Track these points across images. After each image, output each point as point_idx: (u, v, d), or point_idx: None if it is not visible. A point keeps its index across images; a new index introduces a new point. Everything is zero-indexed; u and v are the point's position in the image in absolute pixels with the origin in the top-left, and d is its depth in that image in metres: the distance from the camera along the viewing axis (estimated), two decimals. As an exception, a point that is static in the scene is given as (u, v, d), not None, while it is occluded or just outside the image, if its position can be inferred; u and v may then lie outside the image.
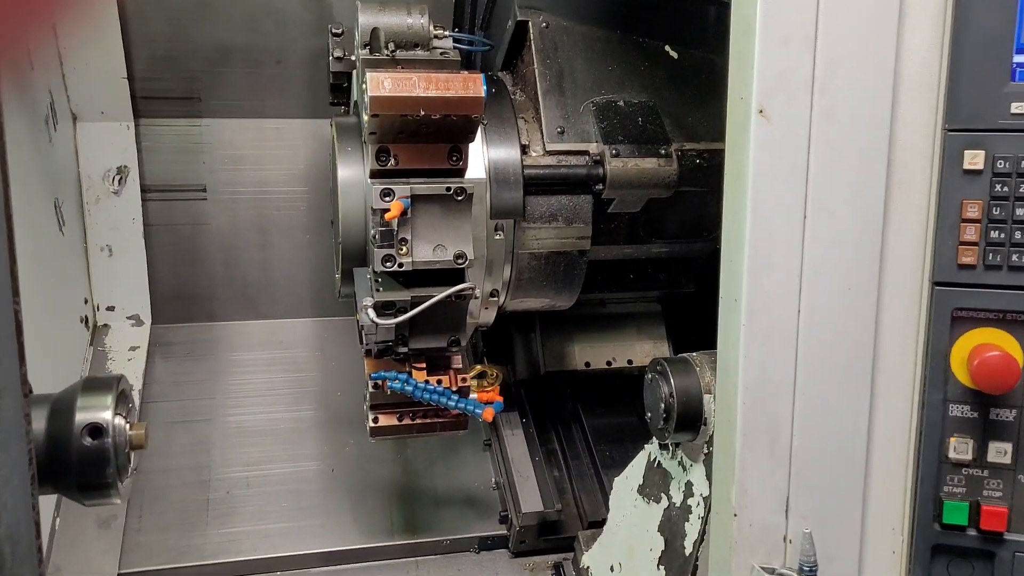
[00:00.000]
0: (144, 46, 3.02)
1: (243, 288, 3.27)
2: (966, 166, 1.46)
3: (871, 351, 1.53)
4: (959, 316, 1.50)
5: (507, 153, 2.35)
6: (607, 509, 2.32)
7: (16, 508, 1.31)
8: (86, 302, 3.02)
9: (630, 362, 2.96)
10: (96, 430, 1.62)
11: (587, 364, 2.94)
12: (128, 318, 3.12)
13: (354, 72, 2.43)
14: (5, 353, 1.32)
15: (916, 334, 1.53)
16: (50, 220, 2.71)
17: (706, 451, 1.84)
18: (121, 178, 3.05)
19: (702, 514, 1.90)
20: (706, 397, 1.80)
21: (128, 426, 1.68)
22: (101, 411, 1.63)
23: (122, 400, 1.69)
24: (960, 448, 1.52)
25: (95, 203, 3.03)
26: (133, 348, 3.04)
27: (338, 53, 2.49)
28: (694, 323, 2.88)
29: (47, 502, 2.35)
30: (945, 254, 1.49)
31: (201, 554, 2.53)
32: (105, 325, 3.08)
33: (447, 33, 2.13)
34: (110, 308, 3.10)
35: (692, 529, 1.92)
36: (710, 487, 1.76)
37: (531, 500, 2.64)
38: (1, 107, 1.31)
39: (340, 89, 2.62)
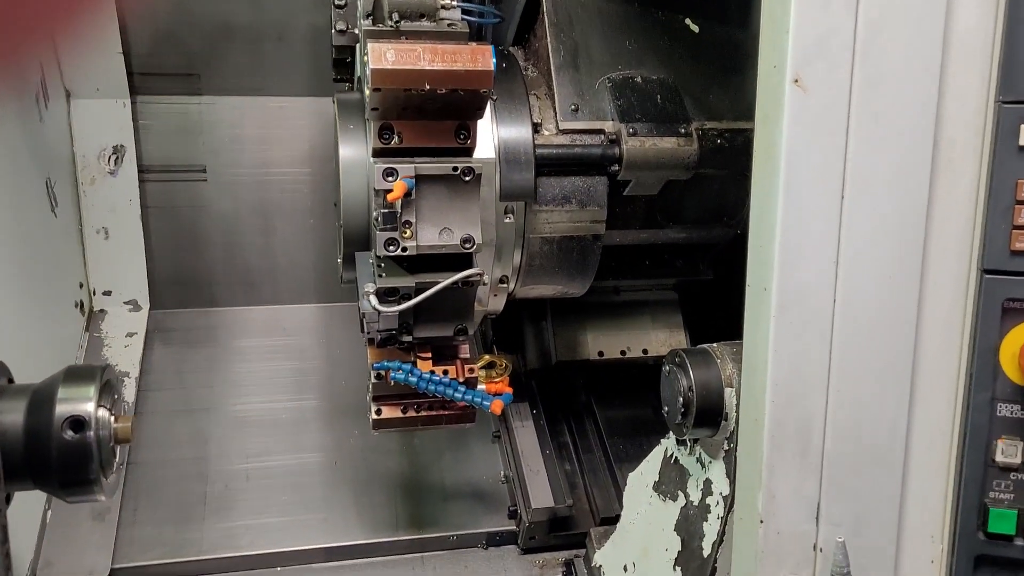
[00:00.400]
0: (141, 20, 2.91)
1: (245, 273, 3.18)
2: (1023, 142, 1.33)
3: (912, 346, 1.41)
4: (1011, 307, 1.38)
5: (518, 132, 2.23)
6: (620, 505, 2.24)
7: (-22, 515, 1.21)
8: (81, 286, 2.92)
9: (645, 352, 2.86)
10: (77, 423, 1.52)
11: (600, 353, 2.84)
12: (125, 303, 3.03)
13: (357, 46, 2.32)
14: (-35, 344, 1.22)
15: (962, 327, 1.41)
16: (41, 201, 2.61)
17: (726, 448, 1.75)
18: (117, 157, 2.95)
19: (721, 514, 1.81)
20: (727, 391, 1.71)
21: (113, 419, 1.59)
22: (83, 403, 1.54)
23: (107, 391, 1.59)
24: (1008, 451, 1.40)
25: (90, 184, 2.93)
26: (130, 334, 2.94)
27: (341, 26, 2.37)
28: (712, 311, 2.79)
29: (38, 494, 2.27)
30: (997, 239, 1.37)
31: (198, 549, 2.44)
32: (101, 310, 2.99)
33: (455, 3, 2.01)
34: (107, 293, 3.01)
35: (711, 529, 1.83)
36: (731, 486, 1.66)
37: (541, 495, 2.55)
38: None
39: (343, 64, 2.51)
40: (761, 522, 1.44)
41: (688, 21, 2.41)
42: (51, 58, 2.77)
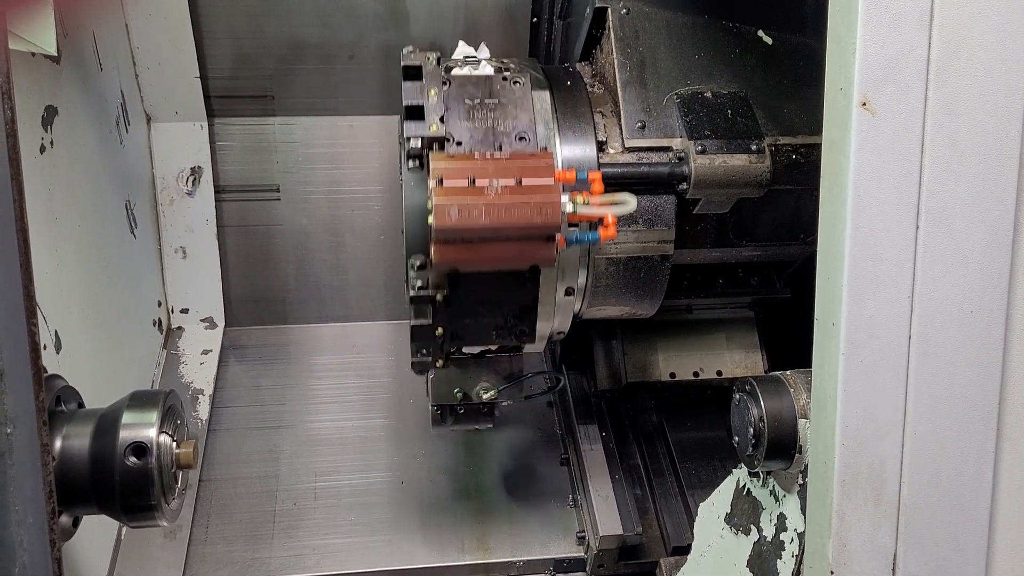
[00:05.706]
0: (216, 44, 2.97)
1: (316, 290, 3.21)
2: (1121, 166, 1.22)
3: (998, 384, 1.30)
4: (1109, 346, 1.26)
5: (582, 151, 2.18)
6: (692, 534, 2.15)
7: (33, 547, 1.23)
8: (159, 305, 3.00)
9: (719, 373, 2.76)
10: (139, 449, 1.54)
11: (672, 375, 2.75)
12: (202, 321, 3.09)
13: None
14: (19, 379, 1.23)
15: (1054, 365, 1.29)
16: (121, 223, 2.68)
17: (801, 481, 1.65)
18: (195, 179, 3.01)
19: (796, 552, 1.71)
20: (801, 422, 1.63)
21: (175, 444, 1.60)
22: (145, 429, 1.55)
23: (170, 416, 1.60)
24: (1109, 502, 1.28)
25: (169, 204, 3.00)
26: (206, 351, 3.00)
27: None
28: (791, 331, 2.67)
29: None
30: (1093, 272, 1.25)
31: (266, 568, 2.46)
32: (179, 328, 3.06)
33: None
34: (184, 311, 3.08)
35: (785, 568, 1.74)
36: (806, 522, 1.57)
37: (610, 522, 2.47)
38: (15, 125, 1.22)
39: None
40: (832, 572, 1.35)
41: (761, 33, 2.31)
42: (132, 83, 2.85)
